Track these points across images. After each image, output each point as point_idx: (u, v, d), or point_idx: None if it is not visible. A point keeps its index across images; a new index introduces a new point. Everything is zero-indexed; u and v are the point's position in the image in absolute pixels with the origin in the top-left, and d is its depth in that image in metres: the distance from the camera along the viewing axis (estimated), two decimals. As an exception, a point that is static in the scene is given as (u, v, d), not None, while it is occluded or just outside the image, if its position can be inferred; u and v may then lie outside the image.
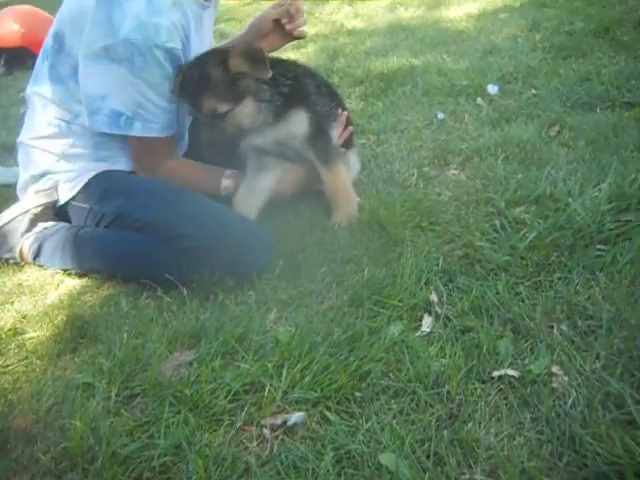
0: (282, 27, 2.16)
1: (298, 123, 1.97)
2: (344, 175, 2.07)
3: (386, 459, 1.21)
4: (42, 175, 2.02)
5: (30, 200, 2.01)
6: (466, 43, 3.80)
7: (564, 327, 1.50)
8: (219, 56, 1.86)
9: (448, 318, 1.58)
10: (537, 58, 3.30)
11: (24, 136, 2.07)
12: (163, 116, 1.93)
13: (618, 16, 3.59)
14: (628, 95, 2.63)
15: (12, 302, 1.92)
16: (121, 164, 2.02)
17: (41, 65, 2.01)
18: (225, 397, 1.42)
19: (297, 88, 1.96)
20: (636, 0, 3.83)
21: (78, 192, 1.98)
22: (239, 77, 1.84)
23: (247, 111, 1.88)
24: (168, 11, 1.82)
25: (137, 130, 1.91)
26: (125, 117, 1.88)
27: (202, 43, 2.04)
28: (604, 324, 1.48)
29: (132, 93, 1.86)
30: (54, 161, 2.00)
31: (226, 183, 2.03)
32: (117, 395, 1.47)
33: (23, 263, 2.07)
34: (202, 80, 1.83)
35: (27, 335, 1.75)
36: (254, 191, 2.04)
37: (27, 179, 2.06)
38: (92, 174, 1.97)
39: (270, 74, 1.84)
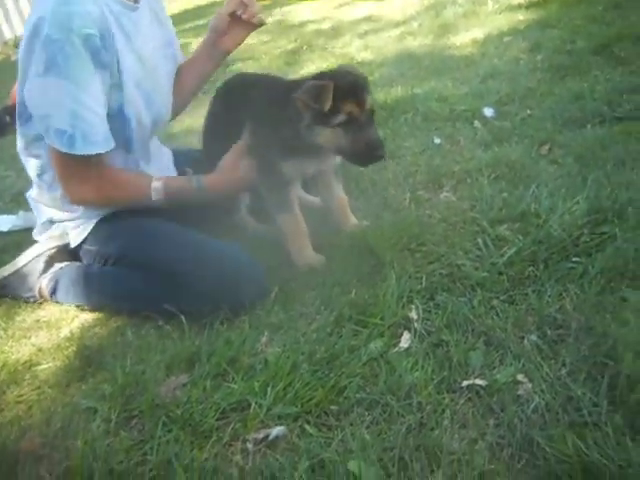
0: (239, 19, 2.21)
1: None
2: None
3: (353, 466, 1.30)
4: (51, 223, 2.19)
5: (45, 243, 2.18)
6: (470, 68, 3.88)
7: (534, 337, 1.57)
8: None
9: (425, 333, 1.67)
10: (536, 79, 3.37)
11: (29, 192, 2.25)
12: (101, 126, 1.88)
13: (617, 32, 3.64)
14: (619, 110, 2.69)
15: (30, 337, 2.07)
16: None
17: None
18: (214, 416, 1.53)
19: None
20: (636, 15, 3.88)
21: (87, 235, 2.12)
22: None
23: None
24: (80, 2, 1.79)
25: (80, 148, 1.85)
26: (67, 135, 1.83)
27: (146, 43, 2.04)
28: (572, 333, 1.55)
29: (66, 103, 1.81)
30: (57, 211, 2.15)
31: (155, 184, 2.02)
32: (117, 417, 1.59)
33: (42, 300, 2.23)
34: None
35: (41, 366, 1.89)
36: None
37: (39, 226, 2.23)
38: (98, 218, 2.10)
39: None
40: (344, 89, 1.81)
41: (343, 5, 7.03)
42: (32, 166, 2.12)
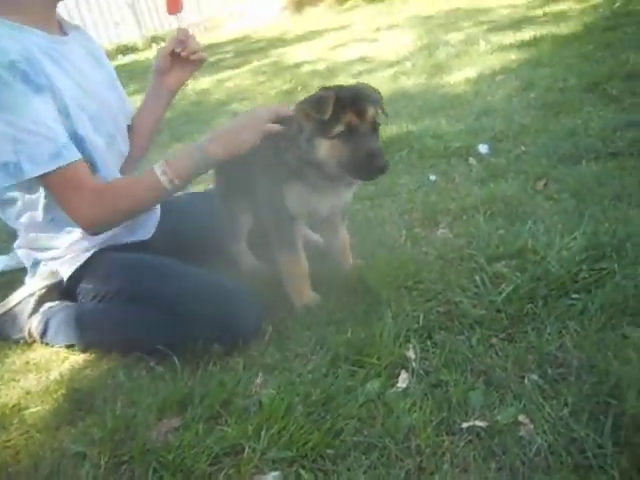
0: (180, 58, 2.22)
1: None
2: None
3: (351, 513, 1.25)
4: (36, 264, 2.17)
5: (35, 282, 2.14)
6: (463, 106, 3.91)
7: (534, 376, 1.53)
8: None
9: (423, 373, 1.63)
10: (529, 116, 3.40)
11: (16, 242, 2.23)
12: (46, 144, 1.83)
13: (609, 70, 3.69)
14: (612, 146, 2.70)
15: (19, 379, 2.02)
16: None
17: None
18: (206, 461, 1.47)
19: None
20: (626, 54, 3.93)
21: (81, 272, 2.09)
22: None
23: None
24: None
25: (27, 171, 1.83)
26: (12, 164, 1.83)
27: (83, 73, 2.05)
28: (574, 371, 1.52)
29: (4, 131, 1.80)
30: (39, 252, 2.14)
31: (161, 170, 1.91)
32: (107, 462, 1.54)
33: (31, 341, 2.18)
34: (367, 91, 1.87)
35: (29, 410, 1.84)
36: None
37: (29, 271, 2.22)
38: (87, 255, 2.09)
39: None
40: (345, 100, 1.77)
41: (337, 46, 7.15)
42: (8, 215, 2.08)
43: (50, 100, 1.88)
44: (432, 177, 2.88)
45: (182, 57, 2.22)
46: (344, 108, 1.76)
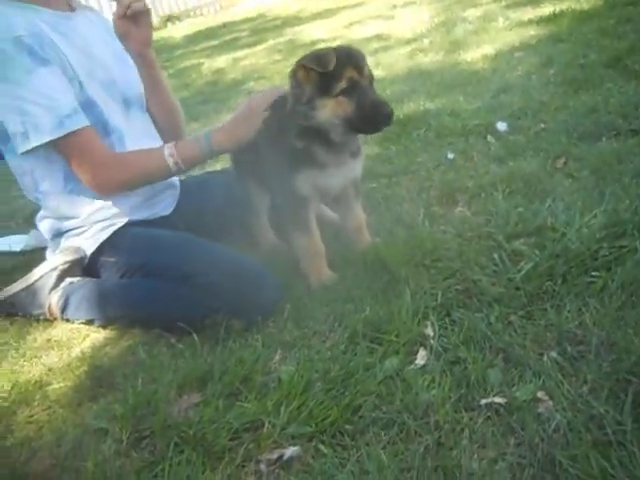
0: (131, 19, 2.26)
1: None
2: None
3: (370, 487, 1.26)
4: (58, 236, 2.19)
5: (57, 258, 2.17)
6: (481, 83, 3.87)
7: (553, 353, 1.53)
8: None
9: (442, 350, 1.63)
10: (549, 93, 3.35)
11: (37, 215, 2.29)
12: (48, 115, 1.93)
13: (630, 46, 3.62)
14: (634, 123, 2.66)
15: (40, 356, 2.05)
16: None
17: None
18: (226, 436, 1.49)
19: None
20: (649, 28, 3.86)
21: (104, 247, 2.14)
22: None
23: None
24: (3, 17, 1.93)
25: (33, 140, 1.95)
26: (20, 134, 1.96)
27: (89, 43, 2.12)
28: (593, 349, 1.51)
29: (10, 103, 1.93)
30: (58, 222, 2.18)
31: (169, 151, 2.03)
32: (128, 438, 1.57)
33: (52, 318, 2.21)
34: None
35: (52, 386, 1.87)
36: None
37: (50, 244, 2.26)
38: (110, 230, 2.13)
39: None
40: (342, 57, 1.80)
41: (353, 24, 7.08)
42: (29, 185, 2.16)
43: (57, 70, 1.98)
44: (450, 155, 2.85)
45: (132, 18, 2.26)
46: (343, 65, 1.79)
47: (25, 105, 1.93)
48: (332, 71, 1.77)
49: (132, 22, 2.27)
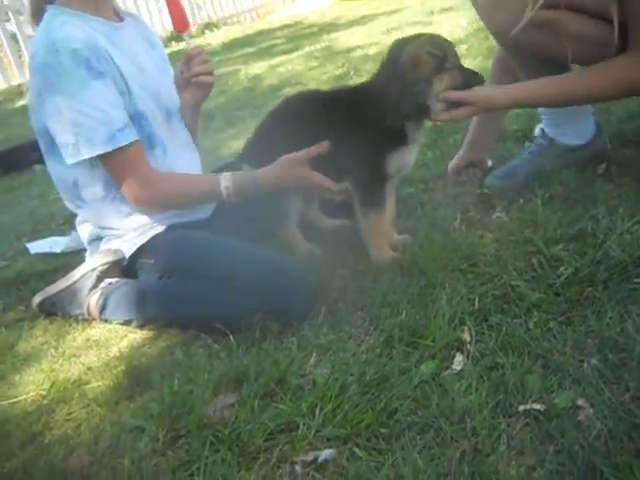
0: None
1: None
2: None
3: (406, 492, 1.25)
4: (97, 241, 2.26)
5: (97, 259, 2.21)
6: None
7: (594, 361, 1.50)
8: None
9: (479, 356, 1.61)
10: (590, 98, 3.29)
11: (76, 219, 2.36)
12: (101, 128, 1.99)
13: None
14: (679, 128, 2.60)
15: (79, 356, 2.09)
16: None
17: None
18: (261, 436, 1.49)
19: None
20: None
21: (143, 248, 2.18)
22: None
23: None
24: (60, 27, 1.98)
25: (84, 152, 2.00)
26: (71, 145, 2.00)
27: (138, 54, 2.19)
28: (635, 356, 1.47)
29: (64, 115, 1.98)
30: (98, 229, 2.24)
31: (225, 184, 2.10)
32: (164, 436, 1.58)
33: (91, 319, 2.25)
34: None
35: (90, 385, 1.90)
36: None
37: (89, 248, 2.32)
38: (150, 234, 2.17)
39: None
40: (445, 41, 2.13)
41: (391, 30, 7.06)
42: (71, 193, 2.22)
43: (111, 84, 2.02)
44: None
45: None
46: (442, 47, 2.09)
47: (79, 117, 1.97)
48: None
49: (194, 82, 2.32)
